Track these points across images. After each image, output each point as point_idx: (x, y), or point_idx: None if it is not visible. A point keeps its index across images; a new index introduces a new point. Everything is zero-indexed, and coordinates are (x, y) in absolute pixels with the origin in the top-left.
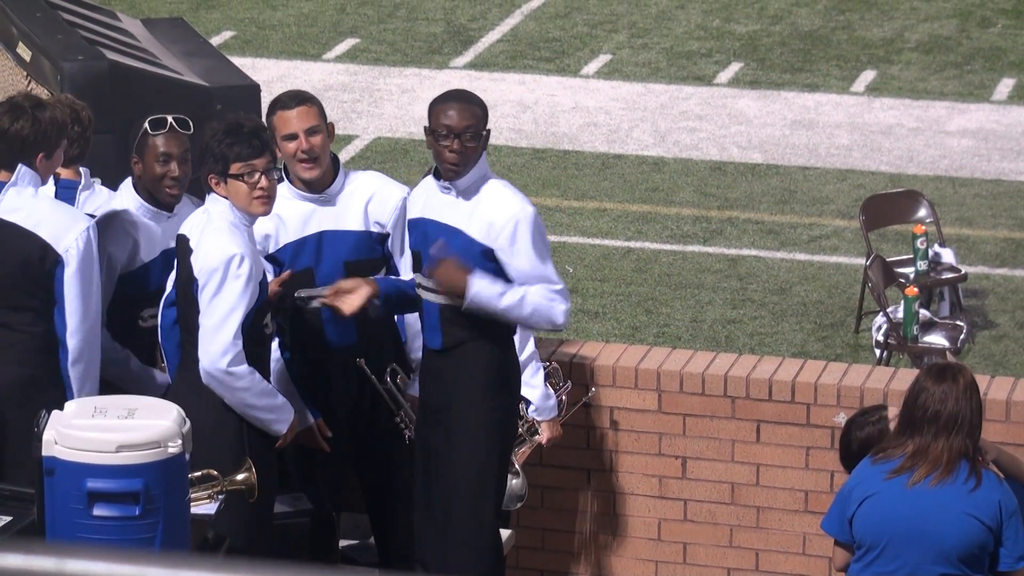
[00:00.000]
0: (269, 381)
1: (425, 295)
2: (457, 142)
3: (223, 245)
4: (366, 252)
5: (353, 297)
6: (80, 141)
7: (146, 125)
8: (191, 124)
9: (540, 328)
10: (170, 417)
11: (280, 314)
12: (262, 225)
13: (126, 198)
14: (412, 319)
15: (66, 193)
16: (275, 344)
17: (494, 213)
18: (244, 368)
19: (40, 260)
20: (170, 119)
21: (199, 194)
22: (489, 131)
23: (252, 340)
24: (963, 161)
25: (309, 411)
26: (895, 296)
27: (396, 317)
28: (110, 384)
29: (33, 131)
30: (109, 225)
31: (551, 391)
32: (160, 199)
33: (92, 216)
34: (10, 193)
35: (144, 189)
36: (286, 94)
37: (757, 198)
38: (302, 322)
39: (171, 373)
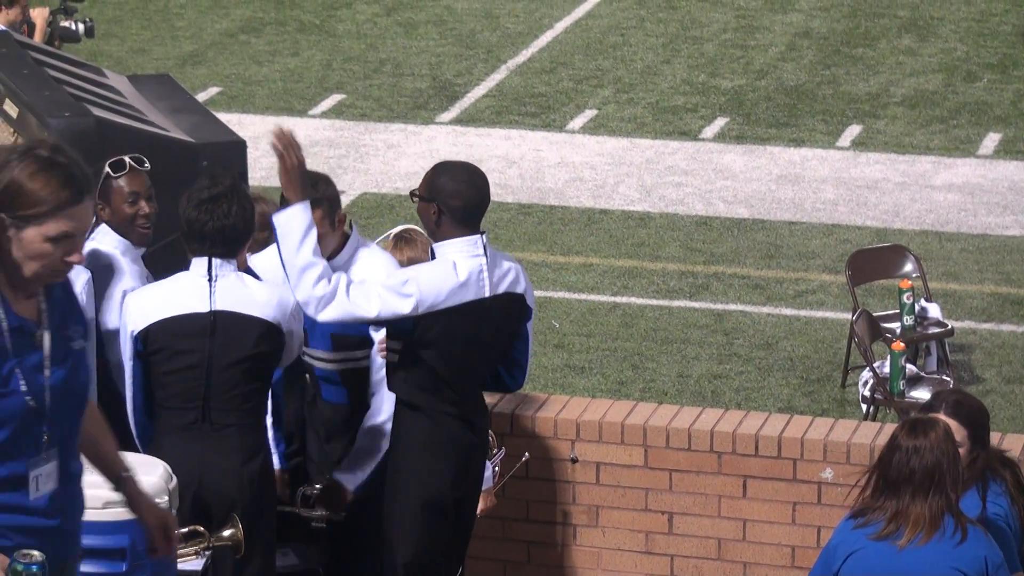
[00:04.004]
0: None
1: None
2: None
3: None
4: (352, 330)
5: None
6: None
7: (107, 169)
8: (146, 160)
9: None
10: (156, 473)
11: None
12: (269, 274)
13: (106, 242)
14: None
15: None
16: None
17: None
18: None
19: None
20: (128, 159)
21: None
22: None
23: None
24: (949, 216)
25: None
26: (881, 351)
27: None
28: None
29: None
30: (97, 262)
31: (487, 463)
32: (132, 239)
33: None
34: None
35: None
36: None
37: (743, 253)
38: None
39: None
